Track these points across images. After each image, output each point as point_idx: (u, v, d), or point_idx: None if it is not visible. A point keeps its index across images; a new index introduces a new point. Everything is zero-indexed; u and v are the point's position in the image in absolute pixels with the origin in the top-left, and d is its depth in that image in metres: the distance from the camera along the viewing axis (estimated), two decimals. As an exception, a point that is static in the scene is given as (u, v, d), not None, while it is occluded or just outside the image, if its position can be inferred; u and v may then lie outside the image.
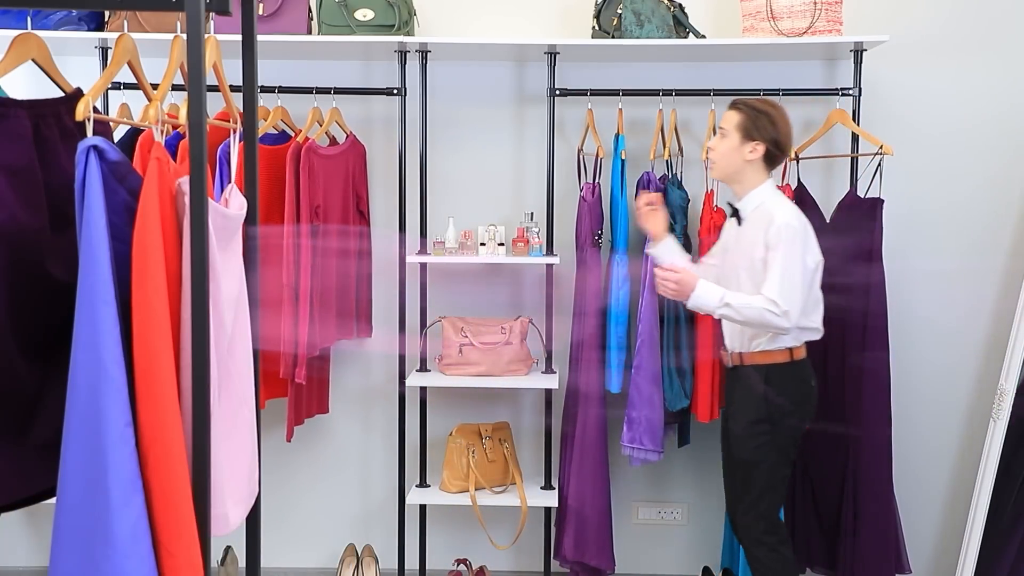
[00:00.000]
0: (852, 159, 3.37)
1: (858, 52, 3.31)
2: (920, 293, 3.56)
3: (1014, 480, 3.15)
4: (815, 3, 3.19)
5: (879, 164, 3.24)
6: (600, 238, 3.34)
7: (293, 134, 3.35)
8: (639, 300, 3.26)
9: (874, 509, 3.22)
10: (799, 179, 3.37)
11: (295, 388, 3.25)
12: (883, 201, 3.20)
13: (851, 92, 3.33)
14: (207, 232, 1.73)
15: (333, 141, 3.49)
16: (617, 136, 3.36)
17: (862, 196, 3.29)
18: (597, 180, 3.37)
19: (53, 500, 1.70)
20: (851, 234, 3.21)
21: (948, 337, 3.57)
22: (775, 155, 2.82)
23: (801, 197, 3.35)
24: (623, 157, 3.32)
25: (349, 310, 3.44)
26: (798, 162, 3.37)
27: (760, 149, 2.79)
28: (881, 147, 3.21)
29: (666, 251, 3.01)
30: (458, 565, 3.54)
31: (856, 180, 3.34)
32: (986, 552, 3.18)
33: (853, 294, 3.14)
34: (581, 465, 3.33)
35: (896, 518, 3.27)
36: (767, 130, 2.78)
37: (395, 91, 3.42)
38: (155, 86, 1.93)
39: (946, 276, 3.55)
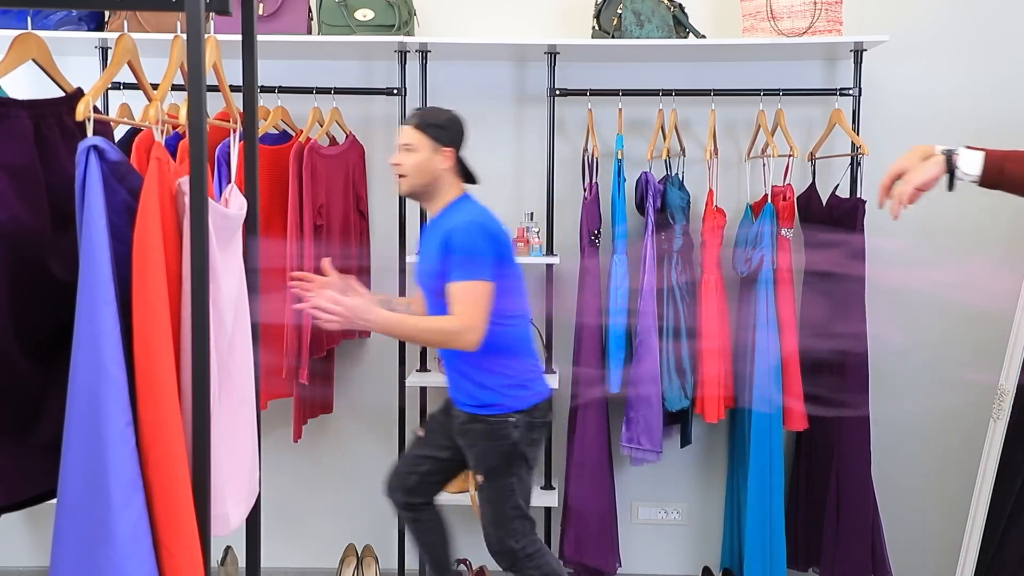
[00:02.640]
0: (852, 159, 3.37)
1: (858, 52, 3.31)
2: (919, 293, 3.56)
3: (1014, 480, 3.15)
4: (815, 3, 3.19)
5: (858, 164, 3.28)
6: (596, 238, 3.34)
7: (293, 134, 3.35)
8: (638, 300, 3.26)
9: (851, 511, 3.25)
10: (813, 180, 3.37)
11: (299, 388, 3.25)
12: (864, 202, 3.22)
13: (851, 92, 3.33)
14: (207, 232, 1.73)
15: (333, 141, 3.49)
16: (619, 136, 3.36)
17: (845, 197, 3.31)
18: (595, 180, 3.37)
19: (54, 500, 1.70)
20: (833, 235, 3.24)
21: (948, 337, 3.57)
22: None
23: (808, 198, 3.36)
24: (619, 157, 3.32)
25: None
26: (814, 163, 3.37)
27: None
28: (859, 147, 3.23)
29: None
30: (458, 565, 3.53)
31: (857, 181, 3.34)
32: (986, 552, 3.18)
33: (832, 296, 3.15)
34: (581, 465, 3.34)
35: (874, 520, 3.27)
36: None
37: (395, 91, 3.42)
38: (155, 86, 1.93)
39: (945, 276, 3.54)
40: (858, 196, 3.28)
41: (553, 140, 3.38)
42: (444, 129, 2.73)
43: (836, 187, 3.36)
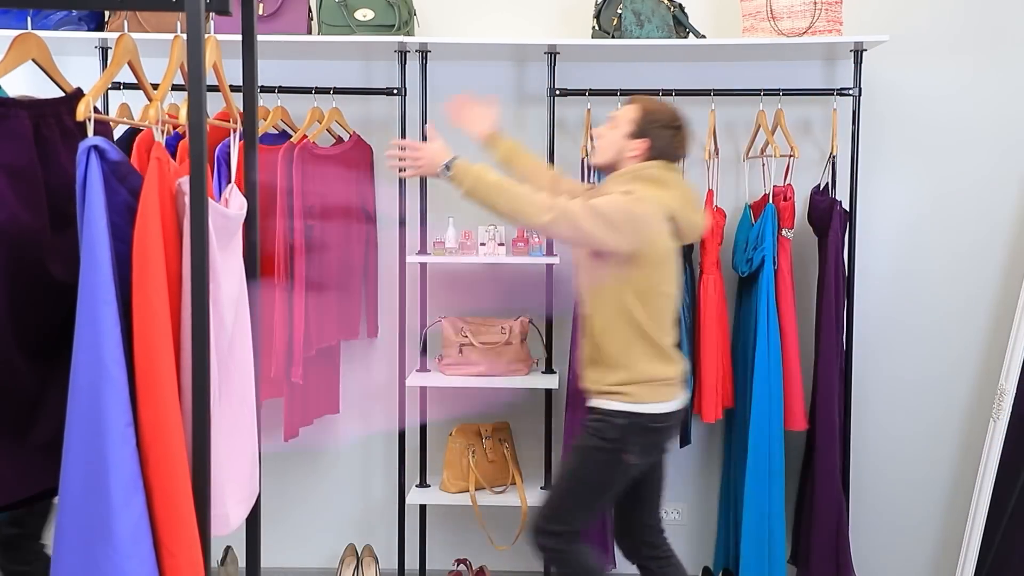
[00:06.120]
0: (853, 156, 3.36)
1: (858, 52, 3.31)
2: (919, 293, 3.56)
3: (1014, 480, 3.16)
4: (815, 3, 3.19)
5: (833, 164, 3.31)
6: None
7: (293, 134, 3.34)
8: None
9: (821, 512, 3.28)
10: (828, 182, 3.36)
11: (291, 388, 3.25)
12: (839, 202, 3.26)
13: (851, 92, 3.33)
14: (207, 232, 1.73)
15: (339, 141, 3.49)
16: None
17: (822, 197, 3.34)
18: (592, 180, 3.37)
19: (54, 500, 1.70)
20: (813, 234, 3.34)
21: (948, 337, 3.57)
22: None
23: (816, 200, 3.37)
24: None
25: (352, 310, 3.43)
26: (834, 165, 3.35)
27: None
28: (834, 148, 3.30)
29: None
30: (458, 565, 3.54)
31: (857, 180, 3.34)
32: (986, 552, 3.18)
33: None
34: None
35: (839, 522, 3.27)
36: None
37: (395, 91, 3.41)
38: (155, 86, 1.93)
39: (946, 276, 3.55)
40: (835, 195, 3.31)
41: (553, 140, 3.38)
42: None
43: (817, 186, 3.37)
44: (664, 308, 2.63)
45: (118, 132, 3.02)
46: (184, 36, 1.74)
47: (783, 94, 3.33)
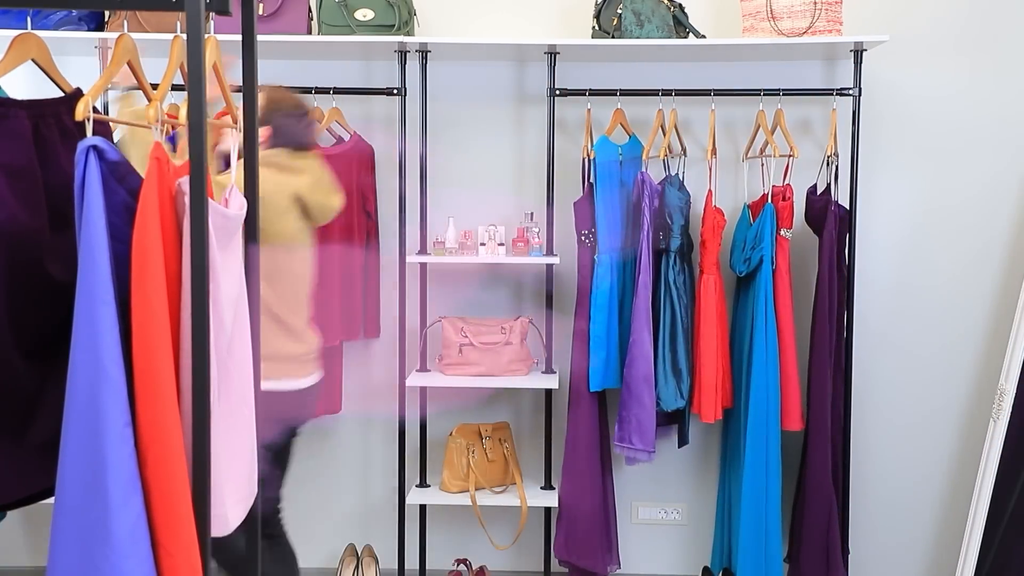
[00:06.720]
0: (852, 158, 3.36)
1: (858, 52, 3.31)
2: (919, 293, 3.56)
3: (1014, 480, 3.15)
4: (815, 3, 3.19)
5: (831, 164, 3.30)
6: (587, 238, 3.34)
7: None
8: (632, 299, 3.26)
9: (811, 511, 3.29)
10: (828, 182, 3.35)
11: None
12: (835, 201, 3.27)
13: (851, 92, 3.33)
14: (207, 232, 1.72)
15: (340, 141, 3.49)
16: (603, 137, 3.36)
17: (818, 196, 3.35)
18: (590, 180, 3.37)
19: (52, 500, 1.70)
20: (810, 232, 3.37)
21: (948, 337, 3.57)
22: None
23: (812, 199, 3.37)
24: (591, 156, 3.32)
25: (353, 310, 3.43)
26: (829, 165, 3.35)
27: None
28: (828, 148, 3.30)
29: None
30: (458, 565, 3.54)
31: (857, 180, 3.34)
32: (986, 552, 3.18)
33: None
34: (571, 464, 3.34)
35: (830, 521, 3.28)
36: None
37: (395, 91, 3.41)
38: (155, 86, 1.92)
39: (946, 276, 3.55)
40: (830, 195, 3.30)
41: (553, 140, 3.38)
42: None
43: (813, 186, 3.37)
44: (292, 287, 2.71)
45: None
46: (184, 36, 1.74)
47: (783, 94, 3.33)
